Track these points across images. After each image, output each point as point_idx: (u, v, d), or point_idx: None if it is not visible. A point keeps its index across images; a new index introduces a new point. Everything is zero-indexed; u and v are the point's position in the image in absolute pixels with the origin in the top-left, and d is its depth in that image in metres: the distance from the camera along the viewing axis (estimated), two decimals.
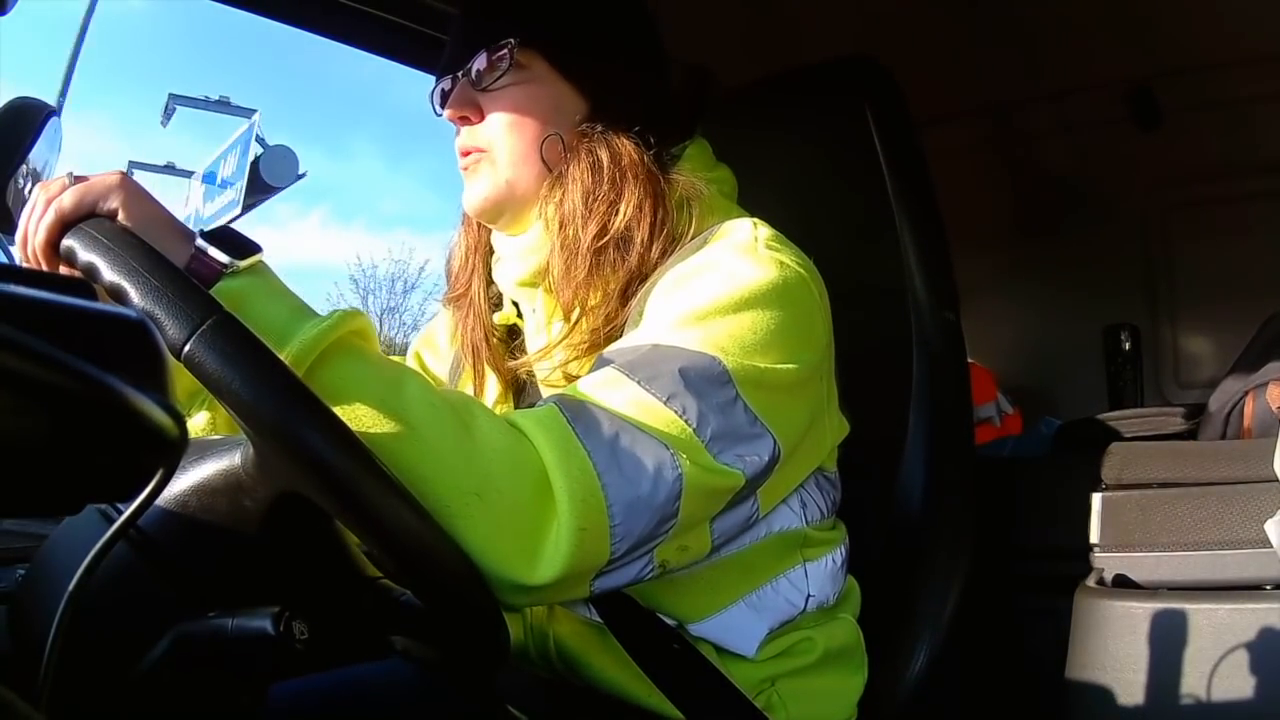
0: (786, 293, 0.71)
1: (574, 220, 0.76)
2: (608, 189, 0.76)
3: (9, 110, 0.73)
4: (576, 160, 0.78)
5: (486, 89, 0.80)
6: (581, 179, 0.77)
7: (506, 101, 0.80)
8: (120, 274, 0.53)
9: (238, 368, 0.50)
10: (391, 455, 0.56)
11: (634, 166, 0.77)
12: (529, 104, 0.80)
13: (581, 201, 0.76)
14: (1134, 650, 1.22)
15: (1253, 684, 1.15)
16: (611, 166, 0.77)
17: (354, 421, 0.56)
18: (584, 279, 0.76)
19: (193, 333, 0.50)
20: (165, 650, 0.52)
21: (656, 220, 0.76)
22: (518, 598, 0.59)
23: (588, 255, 0.76)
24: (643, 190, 0.76)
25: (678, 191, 0.79)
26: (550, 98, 0.80)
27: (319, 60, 37.08)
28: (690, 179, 0.79)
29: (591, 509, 0.58)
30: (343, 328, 0.58)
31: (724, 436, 0.64)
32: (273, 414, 0.50)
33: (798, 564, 0.80)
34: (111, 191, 0.59)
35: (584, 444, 0.60)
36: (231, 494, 0.56)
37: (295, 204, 30.24)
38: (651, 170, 0.78)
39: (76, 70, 5.49)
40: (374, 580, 0.62)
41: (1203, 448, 1.45)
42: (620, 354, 0.67)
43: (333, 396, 0.56)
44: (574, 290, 0.76)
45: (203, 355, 0.50)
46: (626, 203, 0.76)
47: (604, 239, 0.76)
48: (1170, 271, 1.99)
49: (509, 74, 0.79)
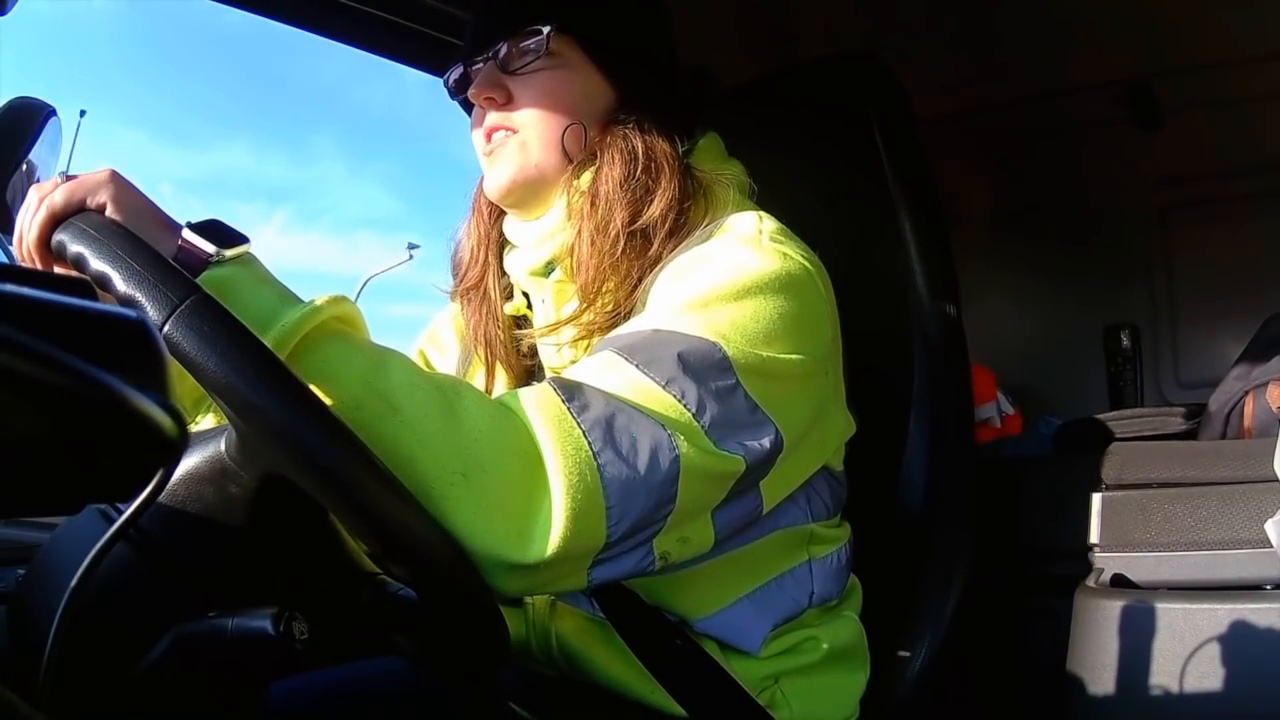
0: (790, 284, 0.71)
1: (608, 202, 0.76)
2: (643, 177, 0.77)
3: (9, 110, 0.73)
4: (611, 147, 0.78)
5: (516, 72, 0.80)
6: (620, 164, 0.77)
7: (538, 86, 0.80)
8: (105, 261, 0.54)
9: (215, 346, 0.49)
10: (375, 436, 0.55)
11: (668, 159, 0.78)
12: (560, 90, 0.80)
13: (619, 185, 0.77)
14: (1134, 650, 1.22)
15: (1253, 684, 1.15)
16: (646, 157, 0.78)
17: (337, 403, 0.56)
18: (609, 260, 0.76)
19: (171, 313, 0.50)
20: (165, 650, 0.52)
21: (681, 212, 0.77)
22: (511, 580, 0.58)
23: (617, 238, 0.76)
24: (677, 185, 0.77)
25: (697, 185, 0.80)
26: (581, 86, 0.81)
27: (281, 61, 37.31)
28: (713, 173, 0.80)
29: (586, 487, 0.58)
30: (326, 312, 0.58)
31: (723, 422, 0.64)
32: (250, 392, 0.49)
33: (803, 561, 0.80)
34: (100, 187, 0.60)
35: (578, 422, 0.59)
36: (218, 481, 0.55)
37: (258, 206, 30.38)
38: (684, 164, 0.79)
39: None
40: (371, 576, 0.62)
41: (1203, 448, 1.45)
42: (620, 339, 0.67)
43: (315, 379, 0.56)
44: (597, 269, 0.76)
45: (180, 335, 0.50)
46: (661, 193, 0.77)
47: (634, 225, 0.76)
48: (1170, 271, 1.98)
49: (542, 59, 0.80)
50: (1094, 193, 2.01)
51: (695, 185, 0.79)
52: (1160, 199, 1.97)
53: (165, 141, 47.51)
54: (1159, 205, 1.97)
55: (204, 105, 51.27)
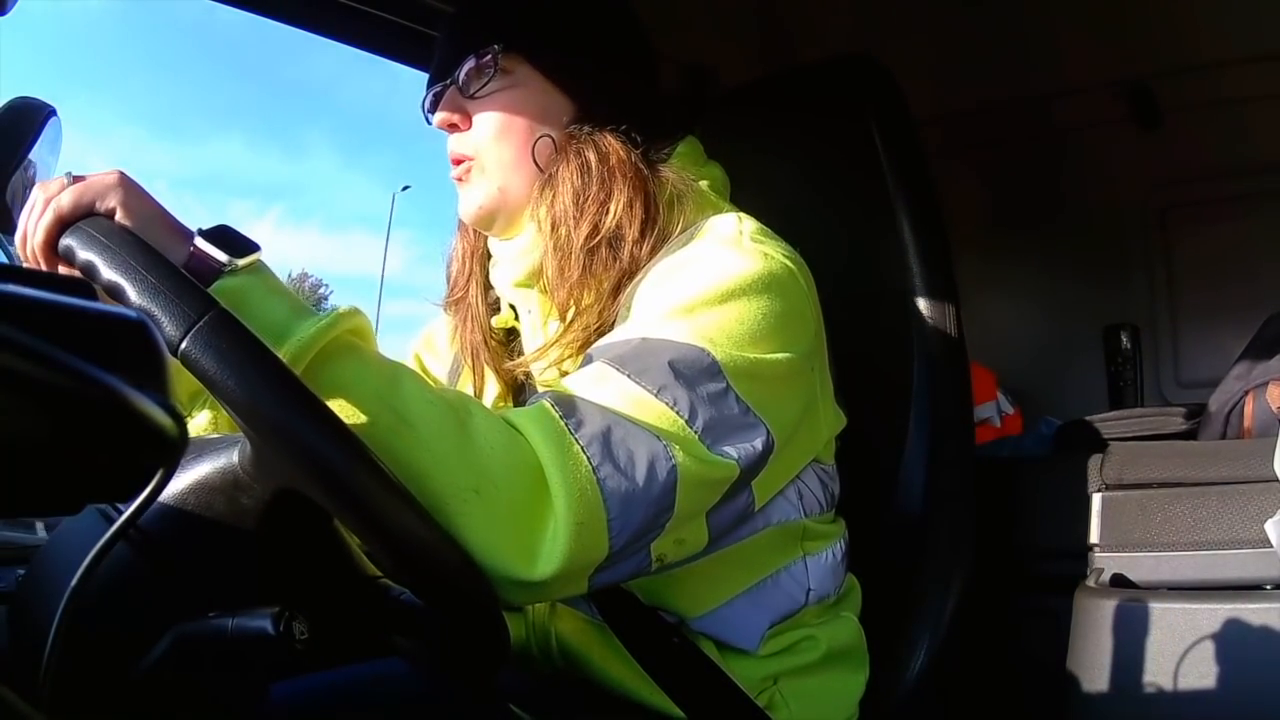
0: (773, 283, 0.71)
1: (566, 221, 0.77)
2: (597, 189, 0.77)
3: (9, 110, 0.73)
4: (566, 161, 0.79)
5: (474, 95, 0.81)
6: (571, 180, 0.78)
7: (493, 107, 0.81)
8: (118, 272, 0.53)
9: (233, 364, 0.50)
10: (389, 452, 0.56)
11: (622, 165, 0.78)
12: (516, 108, 0.80)
13: (572, 202, 0.77)
14: (1133, 650, 1.22)
15: (1253, 684, 1.15)
16: (600, 166, 0.78)
17: (351, 419, 0.56)
18: (578, 279, 0.77)
19: (189, 329, 0.50)
20: (165, 650, 0.52)
21: (647, 218, 0.77)
22: (518, 594, 0.59)
23: (580, 255, 0.76)
24: (632, 188, 0.77)
25: (668, 189, 0.79)
26: (537, 101, 0.81)
27: (274, 58, 37.28)
28: (680, 175, 0.80)
29: (588, 504, 0.58)
30: (341, 326, 0.58)
31: (716, 428, 0.64)
32: (269, 410, 0.50)
33: (798, 557, 0.80)
34: (110, 190, 0.59)
35: (577, 439, 0.60)
36: (229, 492, 0.56)
37: (251, 203, 30.37)
38: (640, 168, 0.79)
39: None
40: (374, 579, 0.62)
41: (1203, 448, 1.44)
42: (609, 349, 0.68)
43: (330, 394, 0.56)
44: (568, 290, 0.77)
45: (199, 352, 0.50)
46: (616, 201, 0.77)
47: (596, 238, 0.76)
48: (1170, 272, 1.98)
49: (495, 79, 0.80)
50: (1093, 193, 2.01)
51: (664, 188, 0.79)
52: (1159, 199, 1.97)
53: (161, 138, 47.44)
54: (1158, 205, 1.97)
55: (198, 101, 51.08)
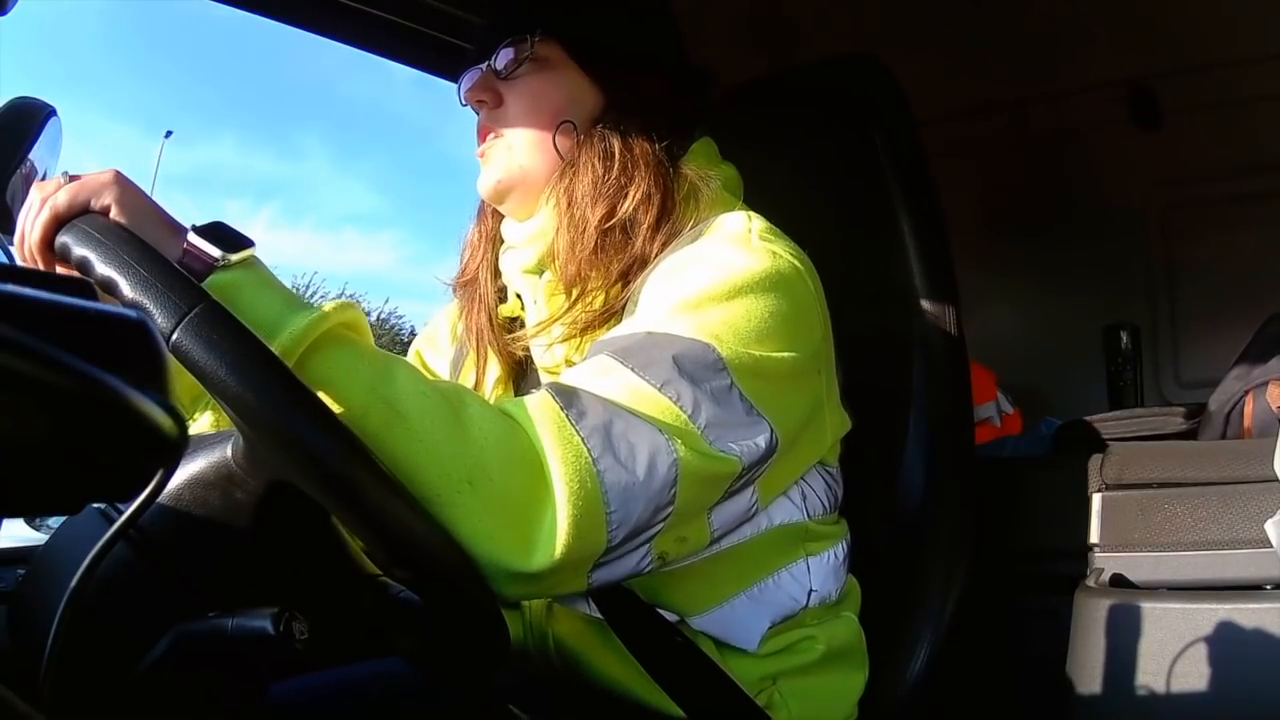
0: (780, 283, 0.71)
1: (582, 202, 0.79)
2: (618, 175, 0.79)
3: (9, 110, 0.73)
4: (589, 148, 0.80)
5: (506, 77, 0.83)
6: (593, 165, 0.79)
7: (525, 89, 0.83)
8: (111, 266, 0.54)
9: (223, 355, 0.50)
10: (382, 444, 0.56)
11: (645, 156, 0.80)
12: (546, 91, 0.83)
13: (591, 186, 0.79)
14: (1133, 650, 1.22)
15: (1253, 684, 1.15)
16: (623, 155, 0.79)
17: (344, 411, 0.56)
18: (588, 257, 0.78)
19: (180, 321, 0.50)
20: (165, 650, 0.52)
21: (663, 211, 0.78)
22: (515, 587, 0.59)
23: (594, 235, 0.78)
24: (652, 180, 0.79)
25: (685, 185, 0.81)
26: (567, 88, 0.83)
27: (267, 56, 37.04)
28: (698, 173, 0.81)
29: (587, 495, 0.58)
30: (334, 319, 0.58)
31: (719, 423, 0.64)
32: (259, 400, 0.50)
33: (800, 558, 0.80)
34: (104, 188, 0.60)
35: (578, 429, 0.60)
36: (223, 486, 0.56)
37: (245, 202, 30.22)
38: (662, 162, 0.80)
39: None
40: (373, 578, 0.62)
41: (1203, 448, 1.44)
42: (614, 341, 0.68)
43: (323, 386, 0.56)
44: (577, 266, 0.78)
45: (189, 343, 0.50)
46: (636, 189, 0.78)
47: (610, 221, 0.78)
48: (1170, 271, 1.98)
49: (528, 63, 0.83)
50: (1094, 193, 2.01)
51: (681, 184, 0.81)
52: (1160, 199, 1.97)
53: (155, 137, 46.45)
54: (1159, 205, 1.97)
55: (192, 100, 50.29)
